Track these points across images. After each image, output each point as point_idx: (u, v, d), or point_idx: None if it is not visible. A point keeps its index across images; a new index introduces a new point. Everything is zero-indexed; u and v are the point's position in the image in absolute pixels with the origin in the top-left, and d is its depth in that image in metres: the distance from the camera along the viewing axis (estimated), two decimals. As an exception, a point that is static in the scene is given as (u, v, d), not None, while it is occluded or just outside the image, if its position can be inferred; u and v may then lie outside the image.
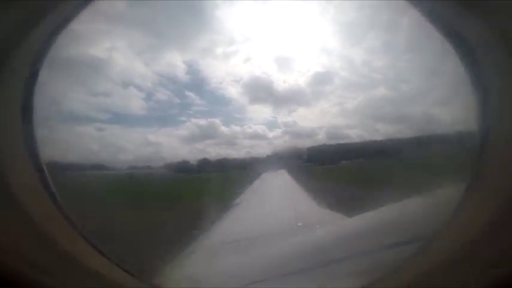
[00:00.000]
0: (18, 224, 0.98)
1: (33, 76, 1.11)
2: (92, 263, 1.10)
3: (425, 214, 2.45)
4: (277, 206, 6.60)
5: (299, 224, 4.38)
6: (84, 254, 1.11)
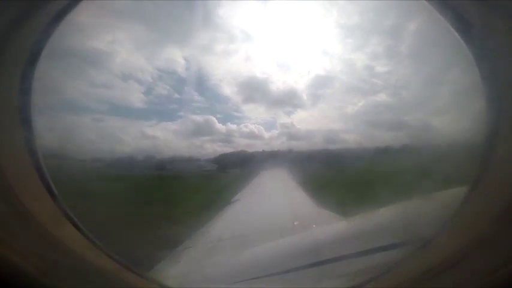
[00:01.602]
0: (12, 214, 0.98)
1: (30, 66, 1.10)
2: (84, 252, 1.11)
3: (422, 217, 2.46)
4: (274, 204, 6.60)
5: (295, 222, 4.38)
6: (77, 244, 1.12)
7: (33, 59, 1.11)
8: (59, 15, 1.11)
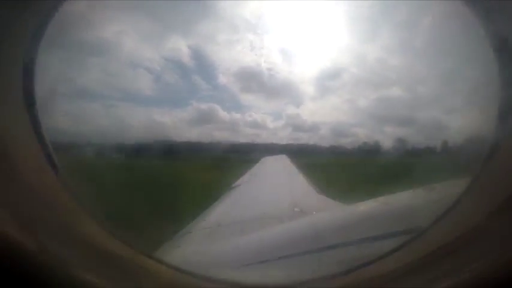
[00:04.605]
0: (20, 195, 0.98)
1: (35, 53, 1.09)
2: (90, 232, 1.11)
3: (423, 207, 2.43)
4: (275, 190, 6.63)
5: (296, 209, 4.40)
6: (84, 225, 1.12)
7: (36, 47, 1.09)
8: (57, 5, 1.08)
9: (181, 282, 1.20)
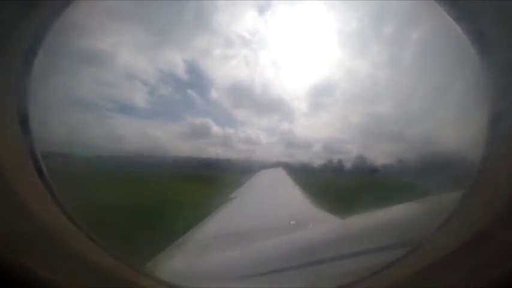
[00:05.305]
0: (11, 210, 0.98)
1: (29, 64, 1.10)
2: (83, 249, 1.10)
3: (418, 220, 2.45)
4: (272, 202, 6.60)
5: (292, 222, 4.37)
6: (76, 240, 1.12)
7: (32, 58, 1.10)
8: (59, 13, 1.11)
9: None
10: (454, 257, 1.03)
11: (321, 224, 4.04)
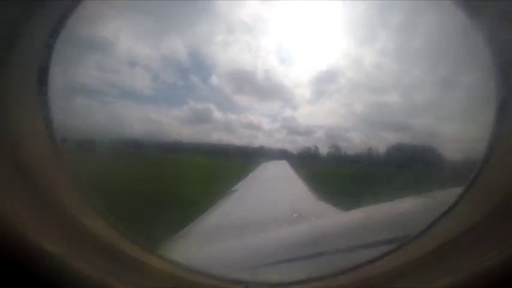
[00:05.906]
0: (27, 191, 0.99)
1: (48, 50, 1.13)
2: (92, 226, 1.12)
3: (418, 213, 2.44)
4: (274, 195, 6.63)
5: (294, 215, 4.40)
6: (89, 219, 1.14)
7: (48, 47, 1.13)
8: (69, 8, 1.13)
9: (182, 277, 1.21)
10: (452, 246, 1.04)
11: (323, 217, 4.07)
